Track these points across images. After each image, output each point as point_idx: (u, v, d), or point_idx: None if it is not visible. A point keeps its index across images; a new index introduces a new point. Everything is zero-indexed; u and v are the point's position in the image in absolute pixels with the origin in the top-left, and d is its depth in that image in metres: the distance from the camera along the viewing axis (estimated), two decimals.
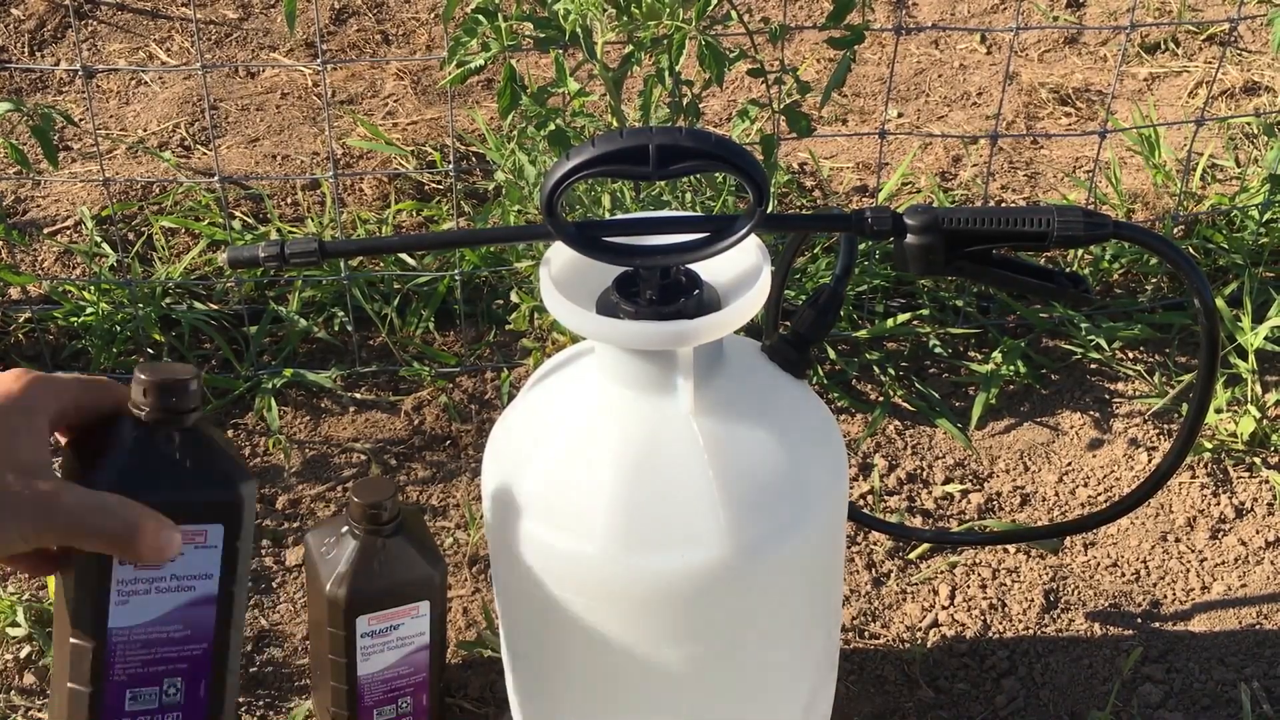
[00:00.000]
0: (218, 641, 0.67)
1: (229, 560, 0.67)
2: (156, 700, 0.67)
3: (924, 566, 1.28)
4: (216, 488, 0.66)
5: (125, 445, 0.65)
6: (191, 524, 0.65)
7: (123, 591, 0.65)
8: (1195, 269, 0.85)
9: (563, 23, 1.24)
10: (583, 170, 0.70)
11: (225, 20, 2.23)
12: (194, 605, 0.66)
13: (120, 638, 0.65)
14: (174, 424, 0.66)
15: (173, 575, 0.66)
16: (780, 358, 0.84)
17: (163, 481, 0.65)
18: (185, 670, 0.67)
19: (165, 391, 0.65)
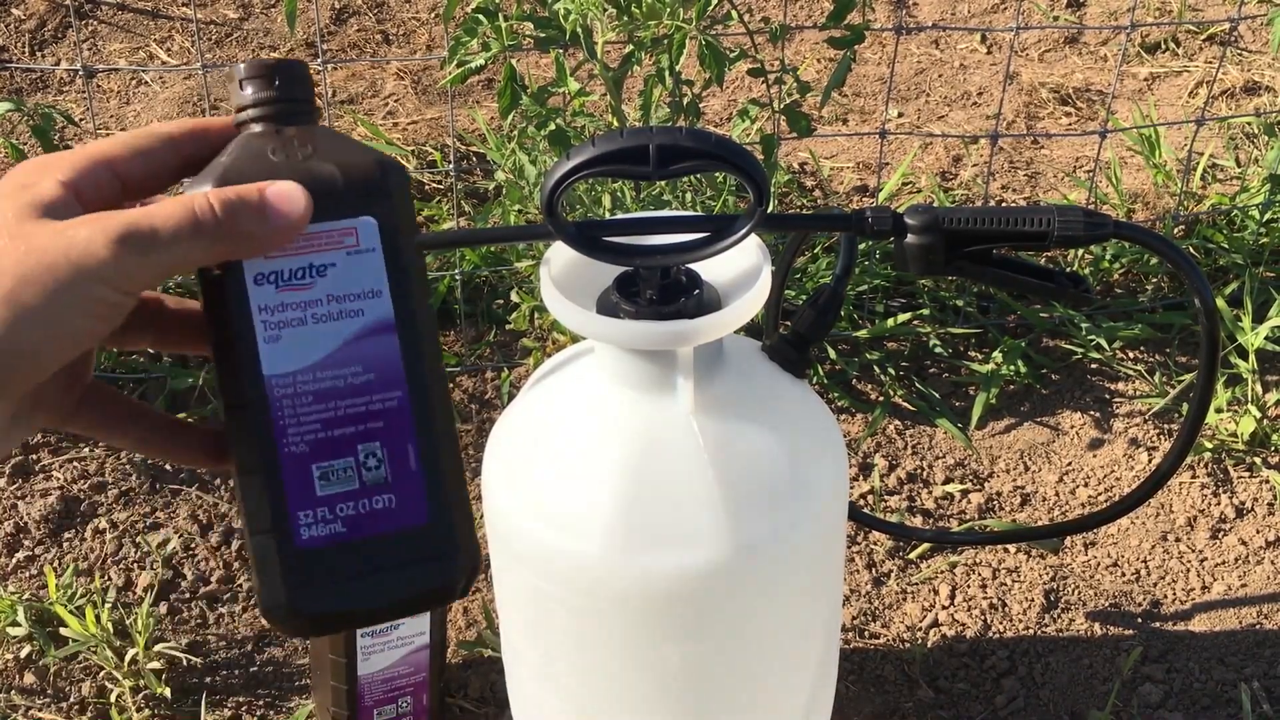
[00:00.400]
0: (413, 385, 0.50)
1: (397, 267, 0.50)
2: (355, 477, 0.49)
3: (924, 566, 1.28)
4: (355, 169, 0.50)
5: (221, 154, 0.50)
6: (331, 221, 0.49)
7: (270, 323, 0.49)
8: (1195, 269, 0.85)
9: (563, 22, 1.24)
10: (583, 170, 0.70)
11: (226, 20, 2.23)
12: (369, 336, 0.50)
13: (283, 388, 0.49)
14: (286, 117, 0.51)
15: (329, 295, 0.49)
16: (780, 357, 0.84)
17: (278, 174, 0.49)
18: (382, 431, 0.50)
19: (265, 77, 0.51)
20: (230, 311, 0.49)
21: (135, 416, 0.52)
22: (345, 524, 0.49)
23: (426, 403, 0.50)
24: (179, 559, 1.29)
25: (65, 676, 1.18)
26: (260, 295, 0.49)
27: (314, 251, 0.49)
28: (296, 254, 0.49)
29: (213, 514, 1.33)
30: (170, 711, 1.15)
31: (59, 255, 0.43)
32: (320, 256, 0.49)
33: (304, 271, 0.49)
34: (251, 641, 1.21)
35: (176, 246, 0.45)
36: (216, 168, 0.49)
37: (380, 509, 0.50)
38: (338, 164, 0.50)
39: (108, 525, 1.32)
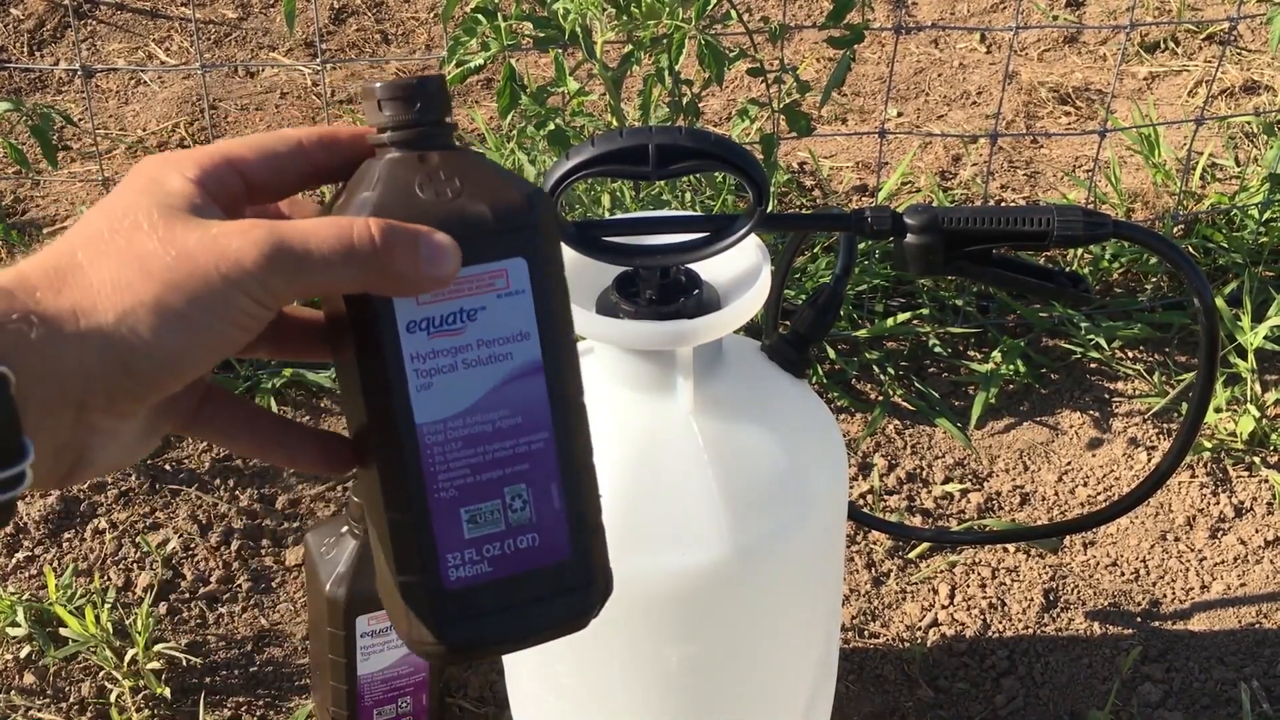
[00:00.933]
0: (559, 426, 0.50)
1: (545, 308, 0.49)
2: (501, 518, 0.50)
3: (924, 566, 1.28)
4: (505, 208, 0.48)
5: (365, 181, 0.48)
6: (482, 264, 0.48)
7: (421, 370, 0.48)
8: (1195, 268, 0.85)
9: (562, 22, 1.24)
10: (582, 170, 0.70)
11: (224, 20, 2.23)
12: (517, 380, 0.49)
13: (434, 436, 0.48)
14: (428, 140, 0.49)
15: (479, 340, 0.48)
16: (780, 357, 0.84)
17: (428, 215, 0.47)
18: (528, 472, 0.50)
19: (405, 99, 0.49)
20: (383, 359, 0.48)
21: (253, 420, 0.51)
22: (491, 564, 0.50)
23: (570, 440, 0.50)
24: (178, 559, 1.29)
25: (65, 677, 1.18)
26: (413, 343, 0.48)
27: (465, 295, 0.48)
28: (448, 299, 0.48)
29: (212, 514, 1.33)
30: (170, 712, 1.15)
31: (210, 265, 0.43)
32: (471, 300, 0.48)
33: (455, 317, 0.48)
34: (251, 642, 1.21)
35: (328, 270, 0.44)
36: (364, 202, 0.47)
37: (525, 548, 0.50)
38: (488, 203, 0.48)
39: (107, 525, 1.32)
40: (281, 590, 1.26)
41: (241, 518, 1.32)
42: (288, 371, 1.47)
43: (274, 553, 1.30)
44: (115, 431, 0.44)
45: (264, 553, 1.30)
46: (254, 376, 1.47)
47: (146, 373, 0.43)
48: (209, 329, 0.43)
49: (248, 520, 1.33)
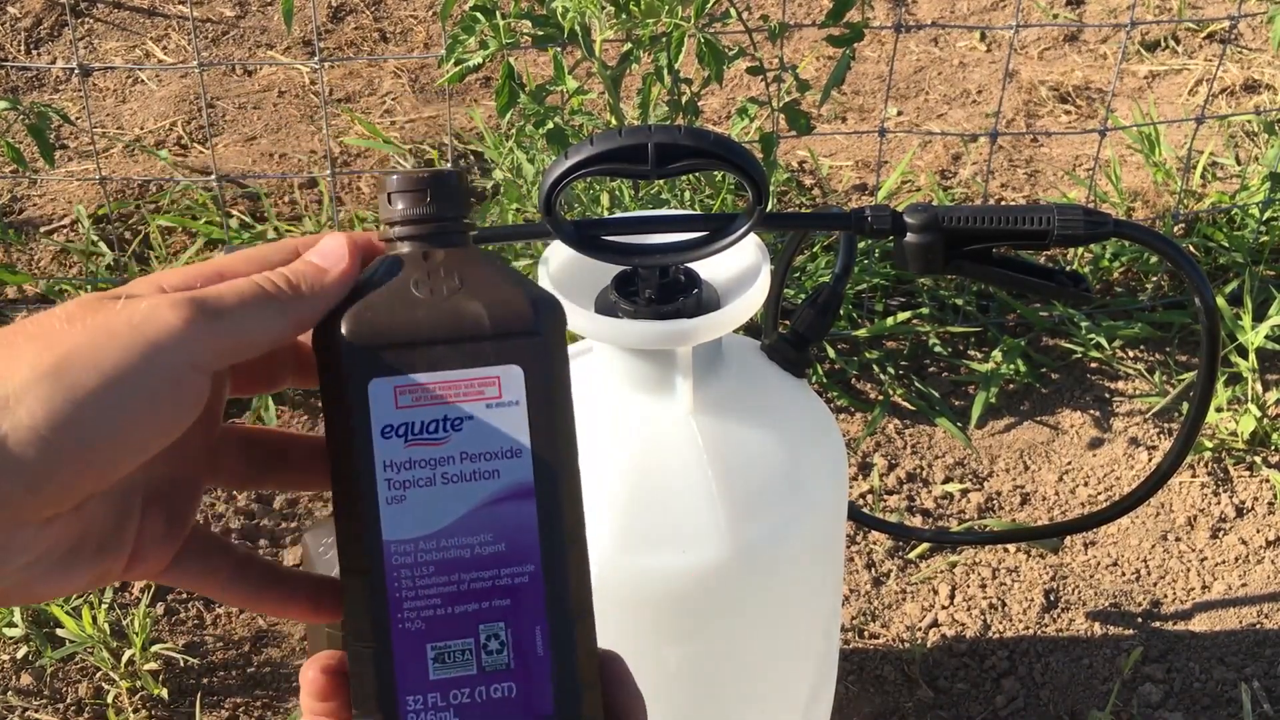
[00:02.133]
0: (550, 560, 0.44)
1: (542, 424, 0.44)
2: (473, 661, 0.44)
3: (924, 566, 1.28)
4: (504, 309, 0.44)
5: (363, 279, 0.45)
6: (472, 369, 0.44)
7: (394, 481, 0.43)
8: (1195, 267, 0.84)
9: (561, 20, 1.24)
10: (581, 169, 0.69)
11: (222, 18, 2.23)
12: (504, 502, 0.44)
13: (402, 557, 0.43)
14: (436, 237, 0.46)
15: (463, 454, 0.44)
16: (780, 357, 0.83)
17: (417, 313, 0.44)
18: (509, 610, 0.44)
19: (416, 193, 0.46)
20: (352, 465, 0.43)
21: (242, 569, 0.47)
22: (458, 713, 0.44)
23: (561, 578, 0.44)
24: None
25: (62, 677, 1.18)
26: (386, 450, 0.43)
27: (450, 402, 0.44)
28: (430, 404, 0.44)
29: (209, 514, 1.33)
30: (167, 712, 1.14)
31: (120, 324, 0.38)
32: (456, 408, 0.44)
33: (437, 425, 0.43)
34: (249, 642, 1.21)
35: (246, 313, 0.41)
36: (353, 299, 0.44)
37: (499, 698, 0.44)
38: (486, 303, 0.44)
39: None
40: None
41: (239, 518, 1.32)
42: None
43: (272, 553, 1.30)
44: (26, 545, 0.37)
45: (262, 552, 1.30)
46: None
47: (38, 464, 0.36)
48: (126, 403, 0.37)
49: (245, 520, 1.32)
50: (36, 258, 1.66)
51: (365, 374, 0.43)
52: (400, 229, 0.46)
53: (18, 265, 1.63)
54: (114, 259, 1.60)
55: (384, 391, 0.43)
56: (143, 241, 1.66)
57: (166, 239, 1.67)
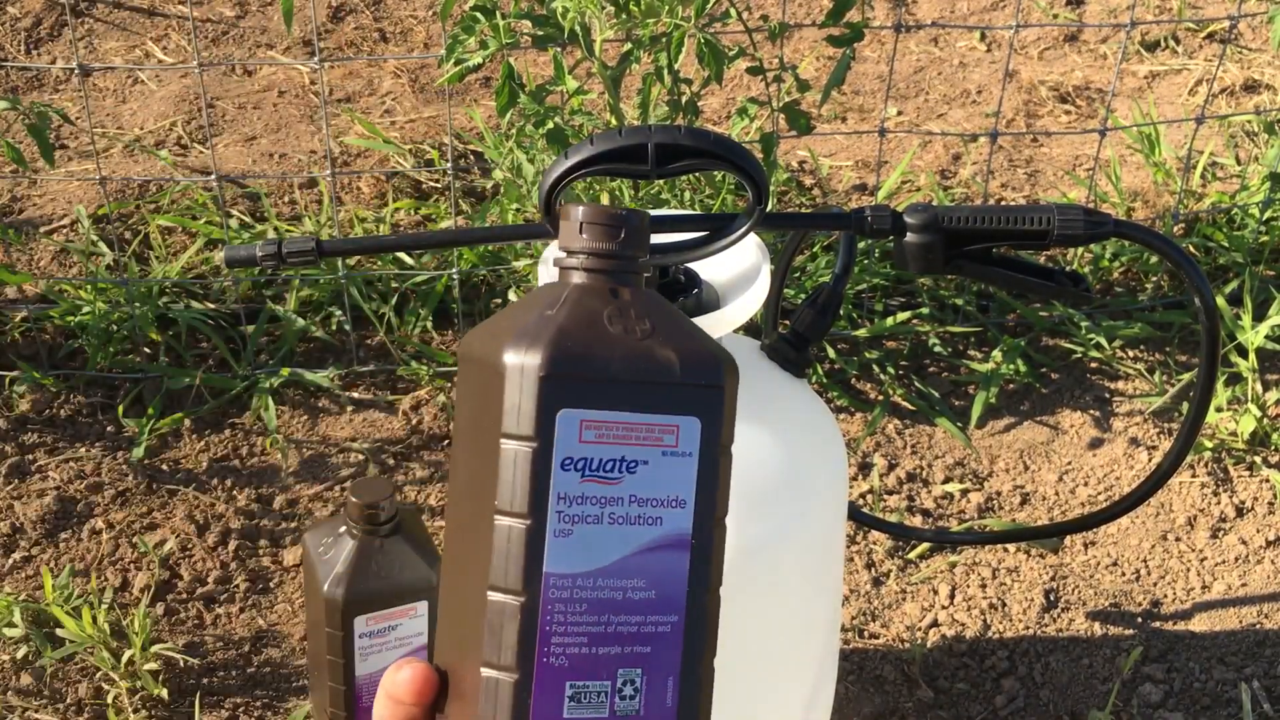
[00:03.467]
0: (693, 613, 0.45)
1: (709, 478, 0.45)
2: (607, 703, 0.44)
3: (924, 566, 1.28)
4: (693, 360, 0.44)
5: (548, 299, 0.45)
6: (656, 414, 0.44)
7: (564, 514, 0.43)
8: (1195, 267, 0.84)
9: (561, 20, 1.24)
10: (581, 169, 0.69)
11: (222, 18, 2.23)
12: (662, 550, 0.44)
13: (560, 590, 0.43)
14: (623, 275, 0.46)
15: (633, 496, 0.44)
16: (780, 357, 0.83)
17: (614, 350, 0.44)
18: (648, 657, 0.44)
19: (610, 227, 0.46)
20: (528, 489, 0.43)
21: None
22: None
23: (700, 632, 0.45)
24: (176, 559, 1.28)
25: (62, 677, 1.18)
26: (563, 482, 0.43)
27: (631, 444, 0.44)
28: (612, 443, 0.44)
29: (209, 514, 1.33)
30: (167, 712, 1.14)
31: None
32: (635, 451, 0.44)
33: (615, 465, 0.44)
34: (249, 642, 1.21)
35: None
36: (548, 323, 0.44)
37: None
38: (677, 351, 0.44)
39: (104, 526, 1.31)
40: (279, 591, 1.26)
41: (239, 518, 1.32)
42: (285, 371, 1.46)
43: (271, 553, 1.30)
44: None
45: (261, 553, 1.29)
46: (252, 376, 1.47)
47: None
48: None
49: (245, 520, 1.32)
50: (36, 258, 1.66)
51: (556, 403, 0.43)
52: (587, 259, 0.46)
53: (18, 265, 1.63)
54: (114, 259, 1.60)
55: (571, 423, 0.43)
56: (143, 241, 1.66)
57: (166, 239, 1.67)
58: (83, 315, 1.51)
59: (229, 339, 1.52)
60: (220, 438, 1.42)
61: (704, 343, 0.45)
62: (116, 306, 1.51)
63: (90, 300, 1.52)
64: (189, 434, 1.42)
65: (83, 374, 1.48)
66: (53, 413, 1.45)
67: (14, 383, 1.46)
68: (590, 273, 0.46)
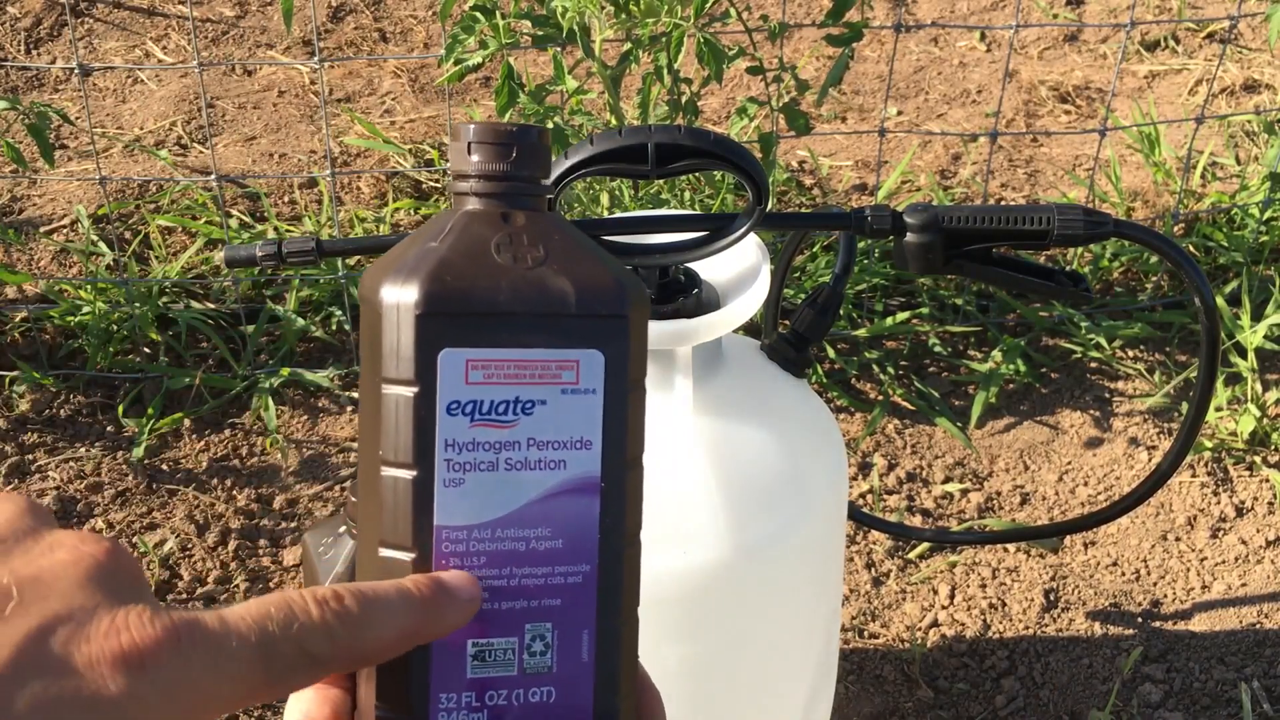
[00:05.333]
0: (607, 562, 0.41)
1: (617, 416, 0.41)
2: (514, 662, 0.41)
3: (924, 566, 1.28)
4: (592, 289, 0.41)
5: (435, 231, 0.41)
6: (552, 349, 0.41)
7: (454, 462, 0.40)
8: (1195, 267, 0.84)
9: (560, 20, 1.24)
10: (581, 169, 0.69)
11: (222, 18, 2.23)
12: (567, 495, 0.41)
13: (453, 544, 0.40)
14: (517, 198, 0.42)
15: (531, 440, 0.41)
16: (780, 357, 0.83)
17: (500, 281, 0.40)
18: (558, 611, 0.41)
19: (499, 146, 0.42)
20: (412, 437, 0.40)
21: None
22: (491, 715, 0.41)
23: (616, 582, 0.42)
24: (176, 559, 1.28)
25: None
26: (450, 427, 0.40)
27: (525, 383, 0.40)
28: (503, 383, 0.40)
29: (209, 514, 1.33)
30: None
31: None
32: (530, 390, 0.40)
33: (508, 406, 0.40)
34: None
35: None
36: (427, 255, 0.40)
37: (536, 703, 0.41)
38: (573, 279, 0.41)
39: (104, 526, 1.31)
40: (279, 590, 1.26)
41: (239, 518, 1.32)
42: (285, 371, 1.46)
43: (271, 553, 1.29)
44: None
45: (261, 553, 1.29)
46: (252, 376, 1.47)
47: None
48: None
49: (245, 520, 1.32)
50: (36, 258, 1.66)
51: (437, 342, 0.40)
52: (477, 184, 0.42)
53: (18, 265, 1.63)
54: (114, 259, 1.60)
55: (454, 364, 0.40)
56: (142, 241, 1.66)
57: (166, 239, 1.67)
58: (83, 315, 1.51)
59: (229, 339, 1.52)
60: (220, 438, 1.42)
61: (606, 269, 0.41)
62: (116, 306, 1.51)
63: (90, 300, 1.52)
64: (189, 434, 1.42)
65: (83, 374, 1.48)
66: (53, 413, 1.45)
67: (14, 383, 1.46)
68: (480, 197, 0.42)
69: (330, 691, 0.41)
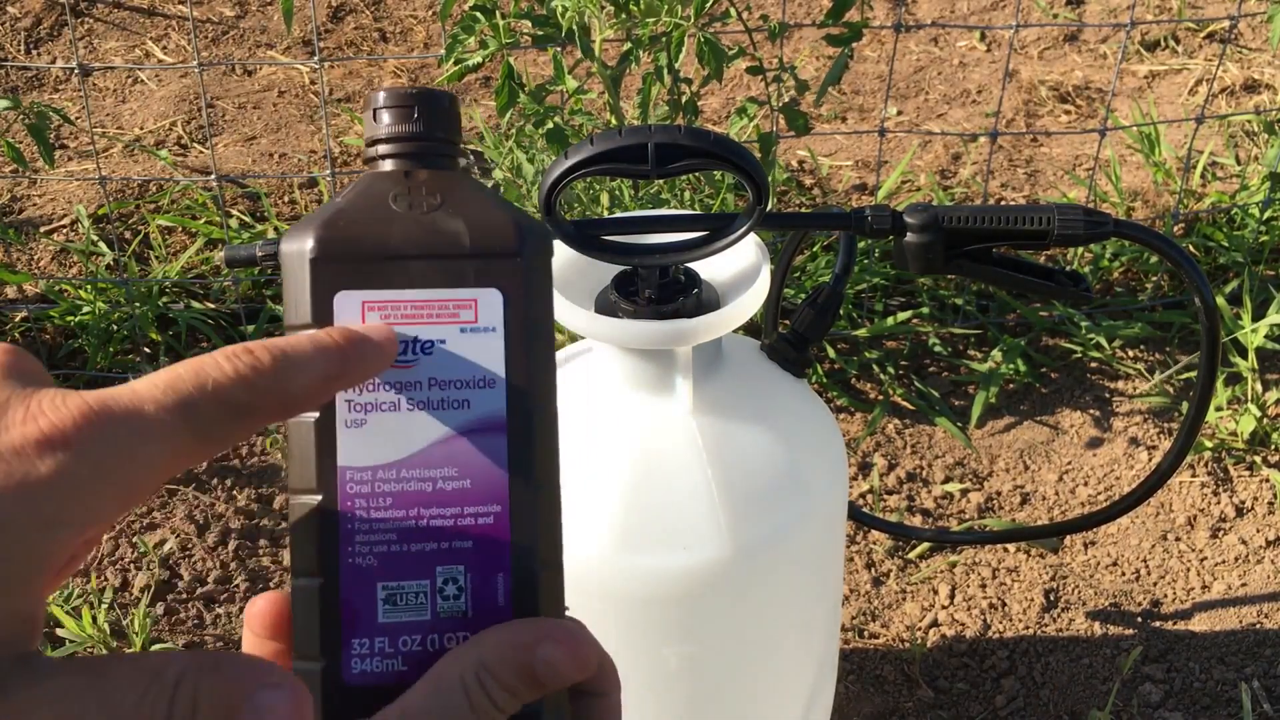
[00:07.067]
0: (518, 502, 0.41)
1: (520, 354, 0.41)
2: (427, 605, 0.40)
3: (924, 566, 1.28)
4: (486, 230, 0.41)
5: (343, 191, 0.42)
6: (448, 289, 0.41)
7: (355, 403, 0.40)
8: (1195, 267, 0.84)
9: (560, 20, 1.24)
10: (581, 169, 0.69)
11: (222, 18, 2.22)
12: (472, 434, 0.41)
13: (358, 485, 0.40)
14: (421, 157, 0.43)
15: (431, 380, 0.41)
16: (780, 357, 0.83)
17: (390, 226, 0.41)
18: (470, 553, 0.40)
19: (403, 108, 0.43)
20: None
21: None
22: (406, 661, 0.40)
23: (530, 523, 0.41)
24: (176, 559, 1.28)
25: None
26: None
27: (422, 323, 0.41)
28: (400, 324, 0.41)
29: (209, 514, 1.33)
30: None
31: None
32: (428, 330, 0.41)
33: (407, 347, 0.40)
34: None
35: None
36: (328, 209, 0.41)
37: (452, 649, 0.40)
38: (466, 220, 0.41)
39: None
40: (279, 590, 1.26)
41: (239, 517, 1.32)
42: None
43: (271, 552, 1.29)
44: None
45: (262, 553, 1.29)
46: None
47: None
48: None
49: (245, 520, 1.32)
50: (36, 258, 1.66)
51: (331, 285, 0.40)
52: (385, 146, 0.43)
53: (18, 265, 1.63)
54: (114, 258, 1.60)
55: (350, 305, 0.40)
56: (142, 241, 1.66)
57: (166, 239, 1.67)
58: (83, 315, 1.51)
59: (229, 339, 1.52)
60: None
61: (502, 212, 0.42)
62: (116, 306, 1.51)
63: (90, 300, 1.52)
64: None
65: (83, 374, 1.48)
66: None
67: None
68: (388, 159, 0.43)
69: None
